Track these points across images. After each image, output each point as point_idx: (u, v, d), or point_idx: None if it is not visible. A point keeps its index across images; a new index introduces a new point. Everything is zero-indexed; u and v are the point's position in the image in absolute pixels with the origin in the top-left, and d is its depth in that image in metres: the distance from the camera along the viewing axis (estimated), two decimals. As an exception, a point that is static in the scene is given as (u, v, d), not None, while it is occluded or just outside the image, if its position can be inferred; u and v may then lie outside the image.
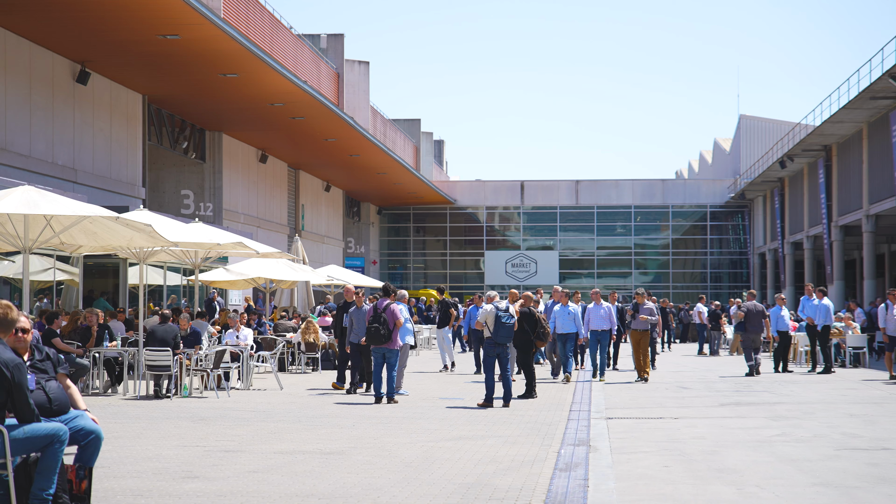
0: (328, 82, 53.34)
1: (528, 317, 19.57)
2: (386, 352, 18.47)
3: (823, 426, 14.89)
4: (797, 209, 59.48)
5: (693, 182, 76.76)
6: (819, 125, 47.27)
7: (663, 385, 22.76)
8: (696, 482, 10.20)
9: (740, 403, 18.48)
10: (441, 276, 72.66)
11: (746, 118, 74.49)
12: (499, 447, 12.55)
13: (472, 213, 73.56)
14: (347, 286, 21.97)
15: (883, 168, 42.95)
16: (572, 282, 70.46)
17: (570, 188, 72.75)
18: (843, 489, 9.81)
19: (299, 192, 52.77)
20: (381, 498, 9.30)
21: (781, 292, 48.50)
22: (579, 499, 9.29)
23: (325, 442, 12.99)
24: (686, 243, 73.44)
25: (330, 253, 58.16)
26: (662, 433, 14.14)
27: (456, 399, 18.97)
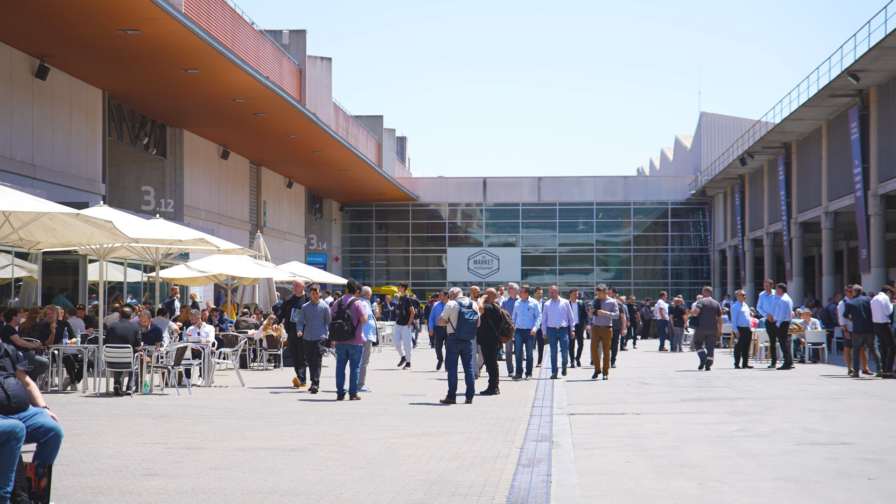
0: (290, 78, 53.13)
1: (491, 313, 19.56)
2: (349, 348, 18.44)
3: (783, 421, 15.00)
4: (757, 206, 59.91)
5: (654, 179, 77.13)
6: (779, 123, 47.64)
7: (625, 381, 22.84)
8: (659, 477, 10.24)
9: (701, 399, 18.58)
10: (403, 273, 72.61)
11: (707, 116, 74.91)
12: (462, 443, 12.54)
13: (435, 209, 73.53)
14: (296, 281, 21.71)
15: (842, 165, 43.33)
16: (534, 278, 70.62)
17: (533, 185, 72.88)
18: (804, 483, 9.88)
19: (261, 188, 52.54)
20: (343, 494, 9.27)
21: (742, 288, 48.81)
22: (542, 494, 9.30)
23: (288, 439, 12.94)
24: (647, 240, 73.77)
25: (292, 249, 57.96)
26: (624, 429, 14.19)
27: (418, 395, 18.96)
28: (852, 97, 40.12)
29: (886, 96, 38.20)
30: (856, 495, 9.29)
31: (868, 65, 35.66)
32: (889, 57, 34.67)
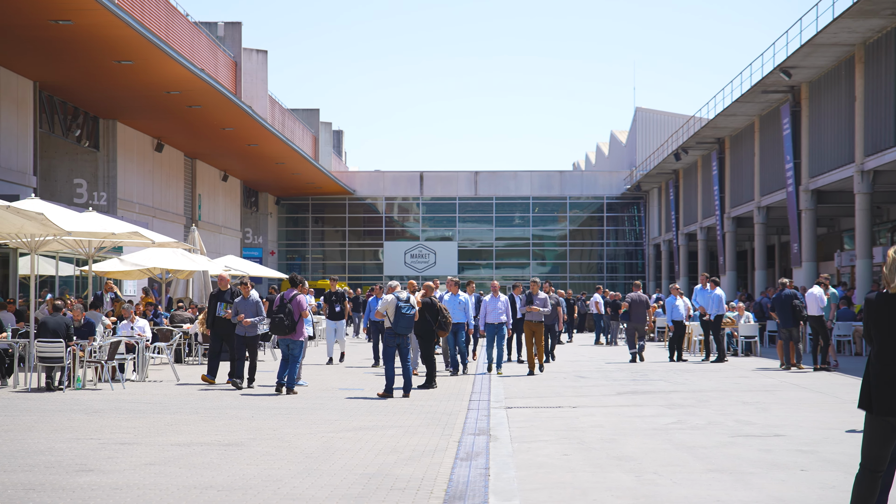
0: (225, 71, 52.71)
1: (429, 307, 19.56)
2: (290, 342, 18.36)
3: (717, 414, 15.15)
4: (691, 201, 60.51)
5: (590, 174, 77.58)
6: (713, 118, 48.15)
7: (561, 374, 22.95)
8: (596, 470, 10.29)
9: (637, 392, 18.72)
10: (340, 267, 72.42)
11: (642, 111, 75.49)
12: (399, 437, 12.52)
13: (372, 203, 73.37)
14: (221, 274, 21.29)
15: (774, 161, 43.90)
16: (471, 272, 70.73)
17: (470, 179, 72.98)
18: (738, 475, 9.98)
19: (196, 181, 52.07)
20: (281, 489, 9.21)
21: (676, 282, 49.30)
22: (481, 488, 9.31)
23: (224, 433, 12.83)
24: (583, 234, 74.20)
25: (227, 243, 57.54)
26: (561, 422, 14.25)
27: (356, 390, 18.90)
28: (784, 93, 40.64)
29: (817, 93, 38.74)
30: (789, 486, 9.40)
31: (800, 61, 36.14)
32: (820, 54, 35.17)
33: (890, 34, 32.02)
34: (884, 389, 6.84)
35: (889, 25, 31.69)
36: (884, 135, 32.59)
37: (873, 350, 6.99)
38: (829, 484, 9.48)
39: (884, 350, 6.91)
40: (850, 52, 34.80)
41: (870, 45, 33.52)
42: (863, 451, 7.02)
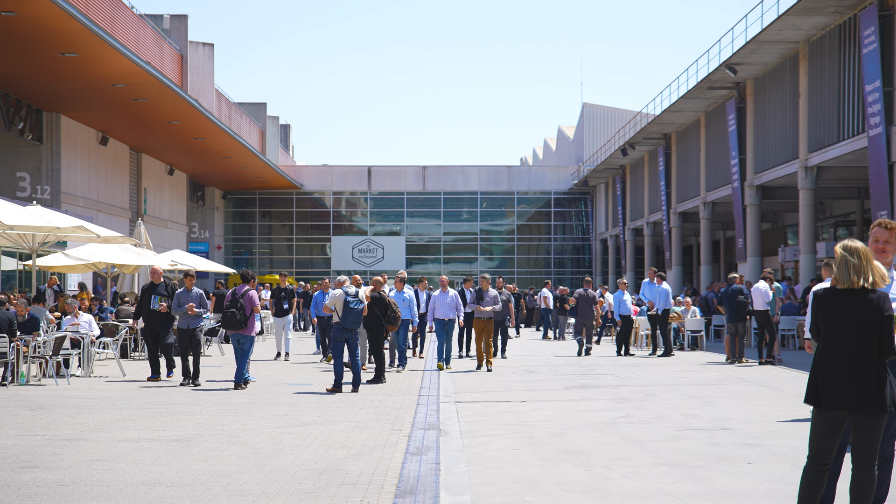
0: (171, 64, 52.27)
1: (378, 301, 19.52)
2: (240, 337, 18.25)
3: (665, 408, 15.26)
4: (638, 196, 60.89)
5: (538, 169, 77.84)
6: (659, 114, 48.46)
7: (510, 369, 23.00)
8: (546, 464, 10.32)
9: (585, 386, 18.80)
10: (287, 262, 72.09)
11: (589, 106, 75.85)
12: (349, 432, 12.48)
13: (319, 198, 73.09)
14: (154, 267, 20.84)
15: (719, 156, 44.28)
16: (419, 267, 70.72)
17: (417, 174, 72.94)
18: (687, 468, 10.05)
19: (141, 175, 51.58)
20: (231, 485, 9.15)
21: (623, 277, 49.57)
22: (431, 483, 9.30)
23: (172, 429, 12.72)
24: (531, 229, 74.42)
25: (173, 238, 57.07)
26: (511, 416, 14.28)
27: (304, 385, 18.83)
28: (730, 90, 41.01)
29: (762, 89, 39.12)
30: (737, 479, 9.49)
31: (745, 58, 36.47)
32: (765, 51, 35.51)
33: (833, 32, 32.40)
34: (831, 383, 6.92)
35: (832, 23, 32.07)
36: (827, 131, 32.98)
37: (820, 345, 7.07)
38: (776, 477, 9.58)
39: (831, 345, 6.99)
40: (794, 49, 35.18)
41: (813, 43, 33.90)
42: (810, 444, 7.09)
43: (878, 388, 6.85)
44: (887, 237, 7.83)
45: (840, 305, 6.98)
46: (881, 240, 7.85)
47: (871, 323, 6.89)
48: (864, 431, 6.92)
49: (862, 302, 6.93)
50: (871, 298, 6.93)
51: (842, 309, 6.97)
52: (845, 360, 6.90)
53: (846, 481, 7.52)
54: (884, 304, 6.93)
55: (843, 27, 31.72)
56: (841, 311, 6.97)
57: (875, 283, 6.96)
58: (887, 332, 6.90)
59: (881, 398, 6.85)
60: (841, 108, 31.97)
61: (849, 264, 6.99)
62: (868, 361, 6.87)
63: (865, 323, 6.90)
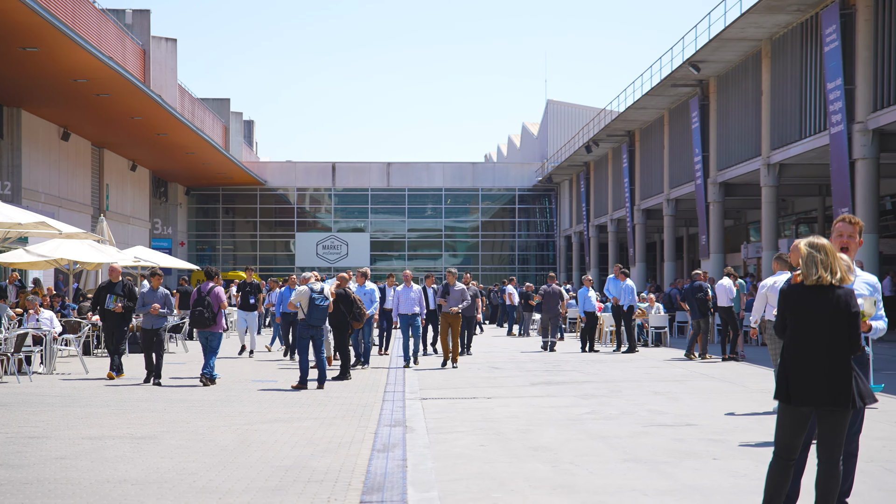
0: (134, 59, 51.92)
1: (343, 298, 19.47)
2: (209, 335, 18.15)
3: (630, 404, 15.31)
4: (602, 193, 61.09)
5: (502, 165, 77.94)
6: (623, 111, 48.65)
7: (475, 365, 23.00)
8: (513, 460, 10.33)
9: (550, 383, 18.84)
10: (251, 258, 71.82)
11: (553, 103, 76.01)
12: (315, 429, 12.45)
13: (283, 194, 72.85)
14: (113, 265, 20.55)
15: (682, 154, 44.51)
16: (383, 264, 70.66)
17: (382, 170, 72.84)
18: (653, 464, 10.09)
19: (104, 171, 51.18)
20: (197, 482, 9.09)
21: (587, 274, 49.76)
22: (398, 479, 9.29)
23: (136, 426, 12.63)
24: (495, 226, 74.51)
25: (136, 234, 56.69)
26: (477, 413, 14.28)
27: (269, 382, 18.76)
28: (693, 87, 41.21)
29: (725, 87, 39.35)
30: (703, 475, 9.53)
31: (708, 56, 36.68)
32: (728, 48, 35.73)
33: (795, 30, 32.64)
34: (800, 379, 6.97)
35: (794, 21, 32.31)
36: (789, 129, 33.22)
37: (788, 341, 7.11)
38: (741, 472, 9.63)
39: (798, 340, 7.03)
40: (756, 47, 35.41)
41: (776, 41, 34.14)
42: (776, 439, 7.14)
43: (847, 384, 6.90)
44: (851, 232, 7.89)
45: (808, 302, 7.02)
46: (845, 234, 7.90)
47: (839, 319, 6.94)
48: (830, 427, 6.97)
49: (830, 298, 6.97)
50: (838, 295, 6.97)
51: (810, 305, 7.01)
52: (815, 356, 6.95)
53: (810, 477, 7.59)
54: (850, 301, 6.98)
55: (805, 25, 31.96)
56: (809, 308, 7.01)
57: (843, 278, 7.00)
58: (854, 328, 6.95)
59: (849, 393, 6.90)
60: (803, 106, 32.21)
61: (816, 260, 7.03)
62: (837, 357, 6.93)
63: (833, 319, 6.95)
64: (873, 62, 28.15)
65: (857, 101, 28.45)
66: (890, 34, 27.43)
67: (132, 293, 19.38)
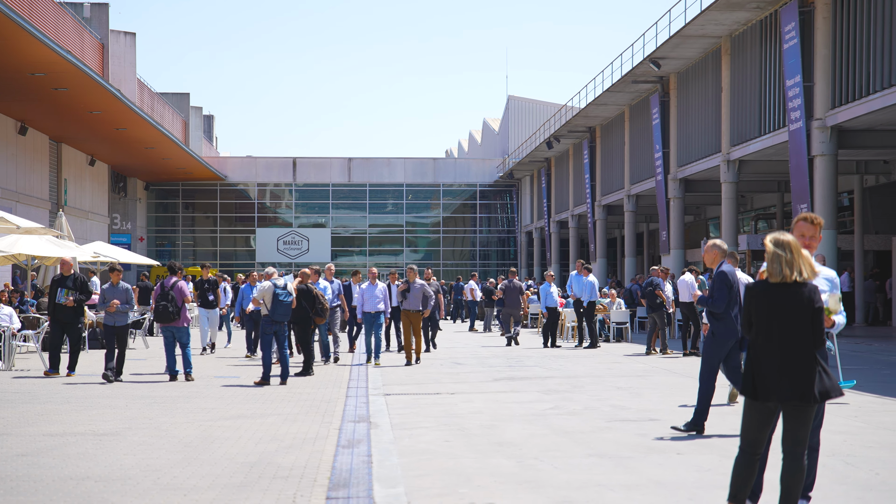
0: (92, 53, 51.47)
1: (305, 293, 19.41)
2: (175, 330, 18.04)
3: (593, 399, 15.36)
4: (563, 189, 61.28)
5: (463, 161, 78.01)
6: (584, 107, 48.83)
7: (438, 361, 23.00)
8: (478, 456, 10.34)
9: (513, 378, 18.87)
10: (211, 254, 71.46)
11: (514, 99, 76.13)
12: (279, 425, 12.40)
13: (243, 189, 72.54)
14: (64, 258, 20.14)
15: (643, 150, 44.72)
16: (344, 259, 70.55)
17: (343, 166, 72.68)
18: (617, 459, 10.13)
19: (62, 166, 50.70)
20: (161, 479, 9.03)
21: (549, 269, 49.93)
22: (364, 475, 9.27)
23: (98, 423, 12.54)
24: (456, 221, 74.58)
25: (95, 229, 56.23)
26: (440, 408, 14.28)
27: (231, 378, 18.68)
28: (654, 84, 41.43)
29: (685, 83, 39.57)
30: (667, 470, 9.57)
31: (669, 52, 36.88)
32: (688, 45, 35.94)
33: (755, 27, 32.88)
34: (767, 375, 7.03)
35: (754, 18, 32.54)
36: (749, 126, 33.47)
37: (753, 337, 7.16)
38: (705, 467, 9.68)
39: (764, 336, 7.09)
40: (716, 44, 35.63)
41: (735, 38, 34.37)
42: (742, 434, 7.19)
43: (812, 379, 6.97)
44: (813, 233, 7.93)
45: (773, 299, 7.08)
46: (807, 235, 7.94)
47: (803, 315, 7.01)
48: (795, 421, 7.04)
49: (795, 295, 7.04)
50: (803, 291, 7.04)
51: (775, 302, 7.07)
52: (781, 352, 7.01)
53: (773, 471, 7.65)
54: (814, 297, 7.05)
55: (765, 23, 32.20)
56: (775, 305, 7.07)
57: (809, 274, 7.07)
58: (818, 324, 7.02)
59: (814, 388, 6.97)
60: (762, 103, 32.46)
61: (780, 259, 7.09)
62: (803, 353, 6.99)
63: (799, 315, 7.01)
64: (832, 59, 28.41)
65: (816, 98, 28.71)
66: (848, 32, 27.69)
67: (84, 287, 19.06)
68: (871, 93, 26.41)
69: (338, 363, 22.10)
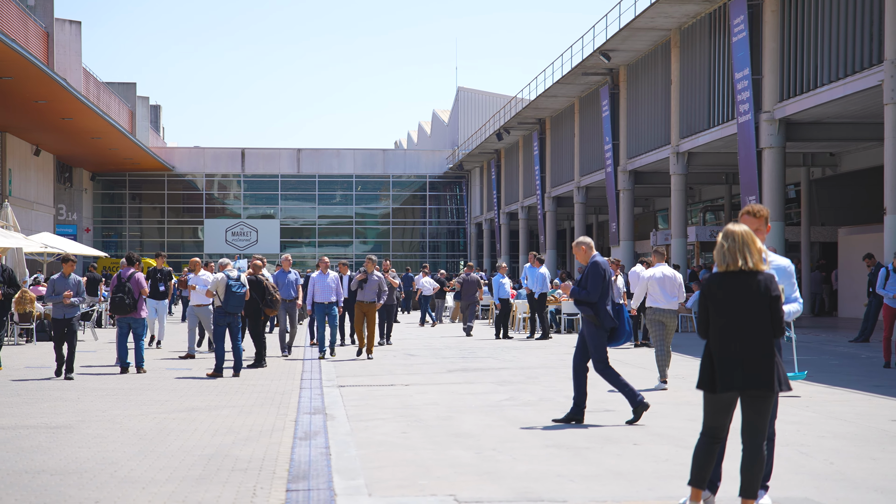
0: (37, 42, 50.76)
1: (255, 284, 19.30)
2: (131, 321, 17.88)
3: (548, 390, 15.42)
4: (513, 180, 61.41)
5: (413, 152, 77.95)
6: (534, 99, 48.92)
7: (391, 353, 22.97)
8: (436, 447, 10.33)
9: (467, 369, 18.89)
10: (158, 245, 70.88)
11: (464, 90, 76.15)
12: (234, 417, 12.33)
13: (191, 180, 72.00)
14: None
15: (593, 142, 44.91)
16: (293, 250, 70.21)
17: (292, 157, 72.34)
18: (575, 450, 10.17)
19: (6, 156, 49.97)
20: (118, 472, 8.95)
21: (501, 261, 49.98)
22: (323, 467, 9.24)
23: (50, 416, 12.40)
24: (405, 213, 74.52)
25: (40, 220, 55.52)
26: (396, 400, 14.26)
27: (183, 370, 18.54)
28: (604, 76, 41.60)
29: (635, 76, 39.78)
30: (625, 460, 9.63)
31: (619, 45, 37.05)
32: (638, 37, 36.12)
33: (703, 20, 33.11)
34: (726, 366, 7.08)
35: (703, 11, 32.77)
36: (698, 118, 33.71)
37: (712, 329, 7.21)
38: (662, 457, 9.75)
39: (722, 328, 7.14)
40: (666, 36, 35.85)
41: (685, 31, 34.60)
42: (704, 421, 7.26)
43: (771, 367, 7.04)
44: (757, 225, 7.96)
45: (729, 289, 7.14)
46: (752, 228, 7.97)
47: (760, 304, 7.07)
48: (754, 411, 7.10)
49: (750, 284, 7.10)
50: (758, 280, 7.10)
51: (731, 292, 7.13)
52: (740, 342, 7.06)
53: (731, 461, 7.72)
54: (771, 285, 7.11)
55: (714, 16, 32.44)
56: (731, 295, 7.13)
57: (755, 263, 7.13)
58: (776, 312, 7.09)
59: (773, 377, 7.03)
60: (711, 96, 32.71)
61: (723, 249, 7.18)
62: (761, 342, 7.05)
63: (755, 304, 7.07)
64: (780, 53, 28.68)
65: (765, 91, 28.97)
66: (796, 25, 27.96)
67: (12, 279, 18.56)
68: (819, 86, 26.71)
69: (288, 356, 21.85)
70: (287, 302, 22.07)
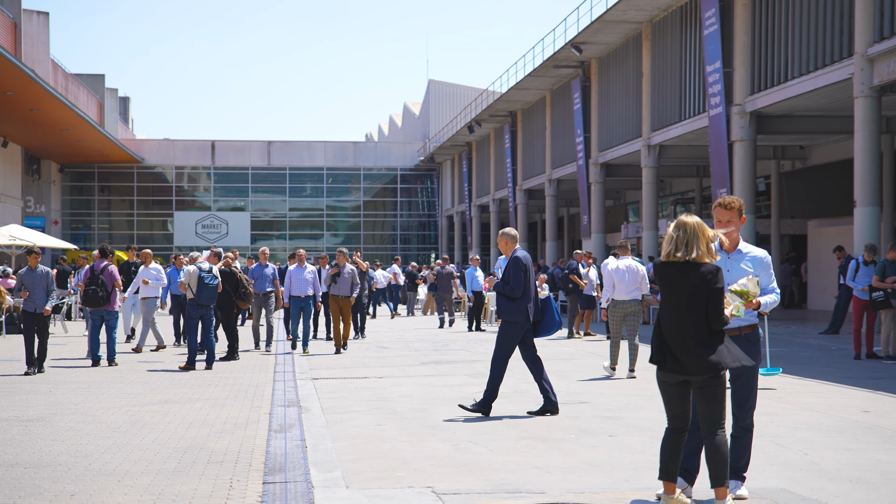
0: (4, 32, 50.32)
1: (228, 277, 19.22)
2: (105, 314, 17.74)
3: (522, 382, 15.42)
4: (484, 173, 61.42)
5: (384, 145, 77.82)
6: (505, 92, 48.92)
7: (364, 345, 22.94)
8: (413, 439, 10.32)
9: (440, 362, 18.89)
10: (127, 237, 70.45)
11: (435, 83, 76.07)
12: (209, 410, 12.28)
13: (161, 172, 71.59)
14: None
15: (565, 134, 44.97)
16: (264, 243, 69.92)
17: (262, 149, 72.07)
18: (551, 442, 10.18)
19: (-27, 147, 49.59)
20: (93, 465, 8.88)
21: (474, 254, 50.00)
22: (300, 460, 9.20)
23: (22, 409, 12.30)
24: (377, 205, 74.39)
25: (7, 212, 55.07)
26: (370, 392, 14.24)
27: (156, 362, 18.45)
28: (575, 68, 41.65)
29: (606, 69, 39.85)
30: (600, 451, 9.65)
31: (590, 37, 37.09)
32: (610, 30, 36.18)
33: (675, 13, 33.20)
34: (667, 349, 7.20)
35: (674, 4, 32.85)
36: (669, 111, 33.81)
37: (660, 314, 7.36)
38: (637, 449, 9.78)
39: (666, 315, 7.28)
40: (637, 29, 35.92)
41: (656, 24, 34.68)
42: (666, 411, 7.40)
43: (709, 357, 7.10)
44: (730, 217, 7.97)
45: (672, 278, 7.25)
46: (723, 220, 7.99)
47: (698, 294, 7.15)
48: (703, 400, 7.24)
49: (689, 274, 7.18)
50: (702, 272, 7.16)
51: (670, 280, 7.26)
52: (680, 330, 7.18)
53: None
54: (713, 278, 7.16)
55: (685, 9, 32.52)
56: (671, 284, 7.26)
57: (699, 256, 7.18)
58: (715, 304, 7.15)
59: (712, 366, 7.09)
60: (683, 88, 32.81)
61: (670, 238, 7.28)
62: (695, 330, 7.13)
63: (693, 294, 7.16)
64: (751, 46, 28.80)
65: (736, 84, 29.08)
66: (767, 18, 28.08)
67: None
68: (790, 79, 26.83)
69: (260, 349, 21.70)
70: (261, 296, 21.56)
